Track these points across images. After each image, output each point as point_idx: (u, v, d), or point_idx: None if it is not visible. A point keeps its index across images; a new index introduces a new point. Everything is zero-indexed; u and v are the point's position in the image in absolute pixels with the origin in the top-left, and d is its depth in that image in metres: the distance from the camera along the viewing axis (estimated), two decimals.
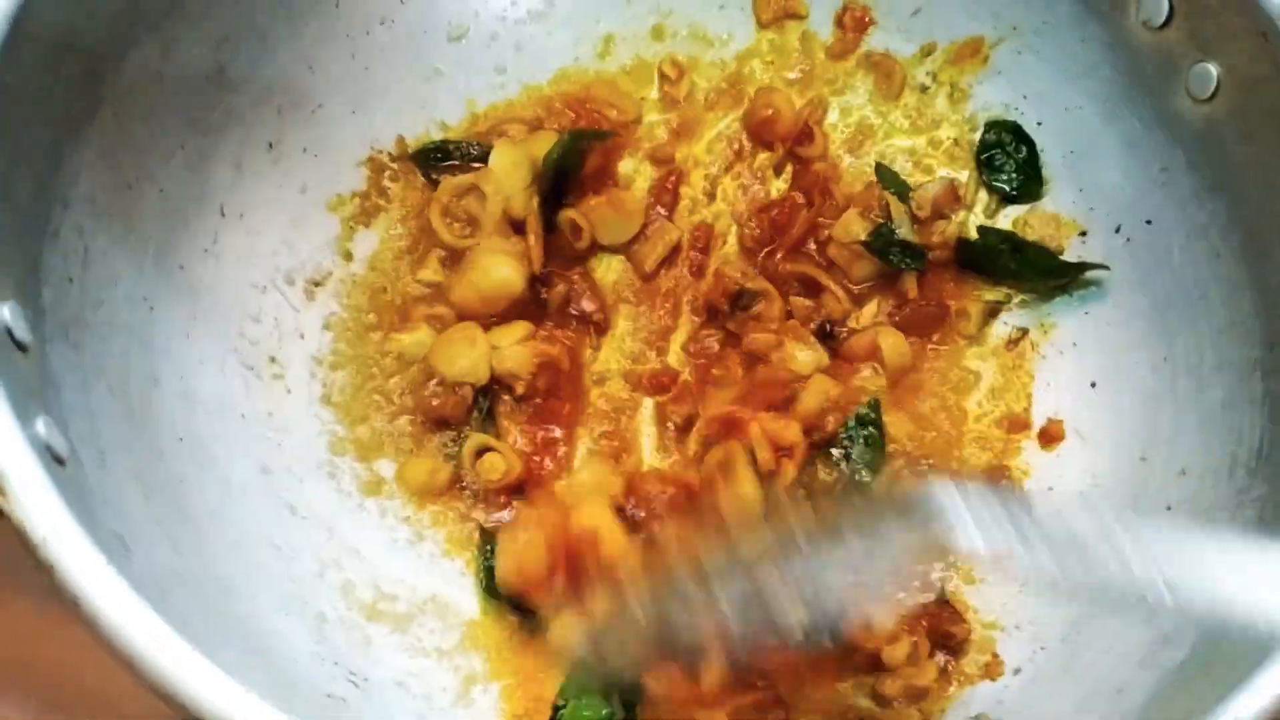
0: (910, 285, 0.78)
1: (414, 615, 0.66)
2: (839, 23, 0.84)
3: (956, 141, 0.82)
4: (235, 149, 0.73)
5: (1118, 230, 0.76)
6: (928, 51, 0.83)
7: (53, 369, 0.55)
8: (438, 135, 0.81)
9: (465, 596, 0.68)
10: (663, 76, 0.84)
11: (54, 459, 0.50)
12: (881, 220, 0.79)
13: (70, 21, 0.60)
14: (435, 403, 0.72)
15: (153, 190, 0.67)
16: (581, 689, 0.65)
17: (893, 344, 0.76)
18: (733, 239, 0.82)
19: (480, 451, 0.71)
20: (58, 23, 0.58)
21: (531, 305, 0.76)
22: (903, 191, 0.81)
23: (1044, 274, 0.77)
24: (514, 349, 0.72)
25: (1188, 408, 0.69)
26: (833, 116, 0.84)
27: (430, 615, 0.67)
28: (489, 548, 0.69)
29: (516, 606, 0.68)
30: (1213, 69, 0.68)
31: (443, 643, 0.66)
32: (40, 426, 0.50)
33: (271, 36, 0.74)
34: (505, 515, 0.71)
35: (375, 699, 0.60)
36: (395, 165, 0.79)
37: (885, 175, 0.82)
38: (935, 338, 0.77)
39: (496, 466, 0.70)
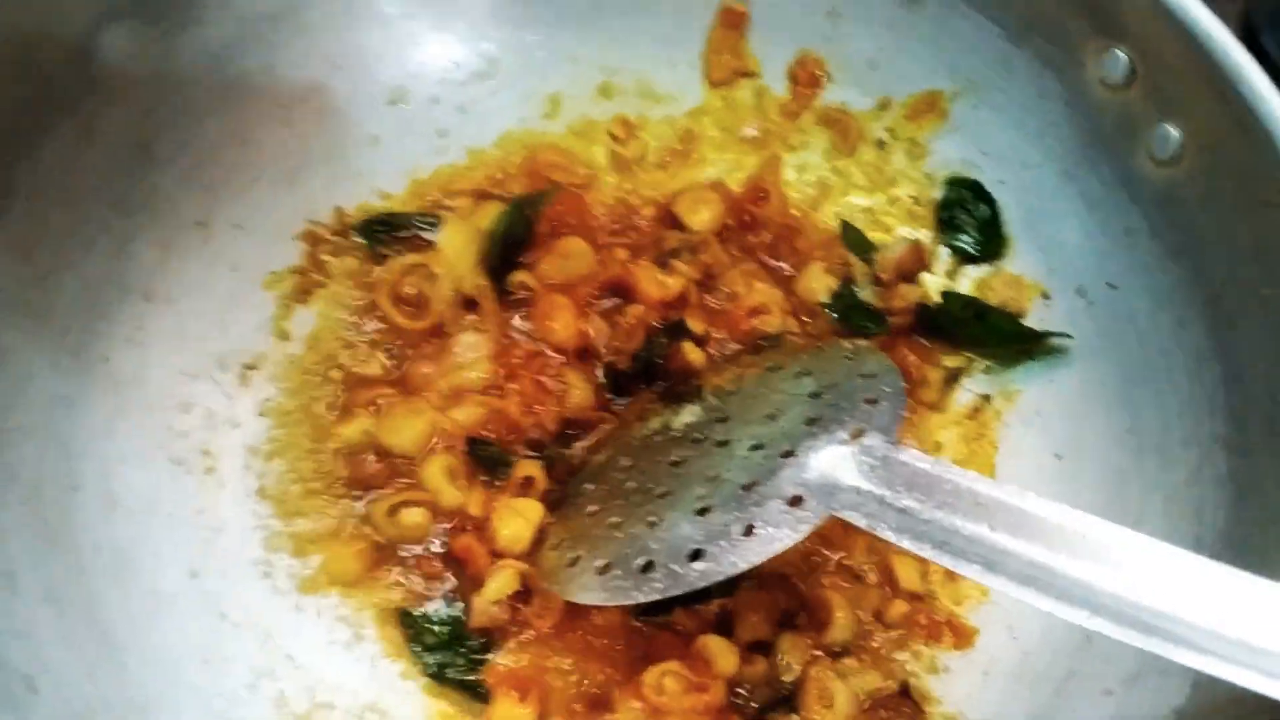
0: None
1: None
2: (792, 77, 0.81)
3: (916, 199, 0.80)
4: (162, 229, 0.70)
5: (1080, 293, 0.73)
6: (884, 105, 0.80)
7: None
8: (378, 204, 0.78)
9: (407, 701, 0.65)
10: (612, 137, 0.81)
11: None
12: (843, 280, 0.77)
13: None
14: (368, 469, 0.70)
15: (72, 279, 0.65)
16: None
17: None
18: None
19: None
20: None
21: None
22: (867, 251, 0.78)
23: (1008, 340, 0.74)
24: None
25: (1154, 485, 0.66)
26: (790, 174, 0.81)
27: None
28: (422, 633, 0.67)
29: (464, 686, 0.66)
30: (1174, 131, 0.66)
31: None
32: None
33: (199, 108, 0.71)
34: (442, 591, 0.68)
35: None
36: (334, 238, 0.76)
37: (850, 234, 0.79)
38: None
39: (415, 520, 0.68)
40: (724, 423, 0.65)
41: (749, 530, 0.57)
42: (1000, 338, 0.75)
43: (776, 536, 0.56)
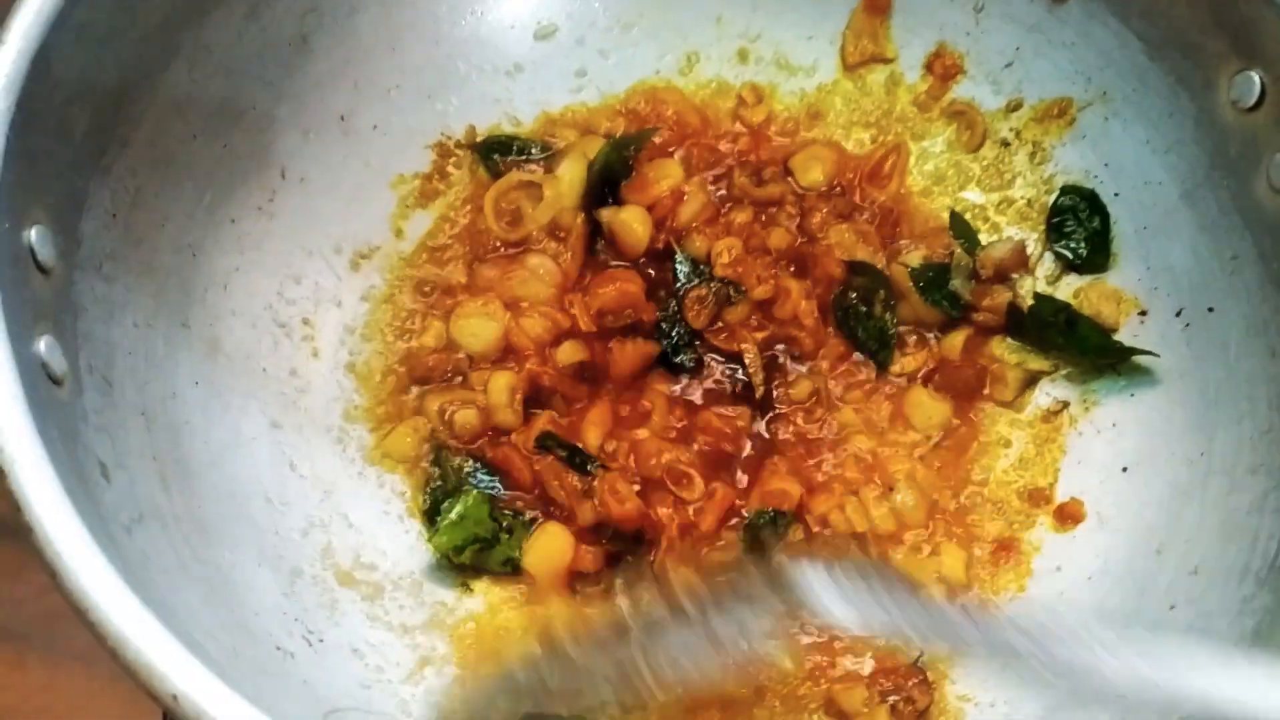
0: (954, 345, 0.76)
1: (386, 588, 0.67)
2: (928, 68, 0.82)
3: (1030, 203, 0.80)
4: (307, 116, 0.75)
5: (1178, 314, 0.72)
6: (1014, 107, 0.81)
7: (77, 295, 0.58)
8: (509, 130, 0.82)
9: (441, 579, 0.69)
10: (740, 100, 0.84)
11: (49, 378, 0.52)
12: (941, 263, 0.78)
13: None
14: (427, 363, 0.74)
15: (217, 144, 0.70)
16: None
17: (924, 409, 0.75)
18: None
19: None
20: None
21: None
22: (972, 245, 0.79)
23: (1094, 352, 0.74)
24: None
25: (1214, 507, 0.65)
26: (909, 162, 0.82)
27: (403, 591, 0.67)
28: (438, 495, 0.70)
29: (461, 568, 0.69)
30: None
31: (409, 619, 0.66)
32: (41, 345, 0.52)
33: (360, 14, 0.77)
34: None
35: (326, 660, 0.61)
36: (461, 152, 0.80)
37: (958, 224, 0.80)
38: (967, 399, 0.75)
39: (468, 420, 0.71)
40: None
41: None
42: (1087, 348, 0.74)
43: None
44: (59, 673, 0.80)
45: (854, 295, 0.76)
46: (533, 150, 0.80)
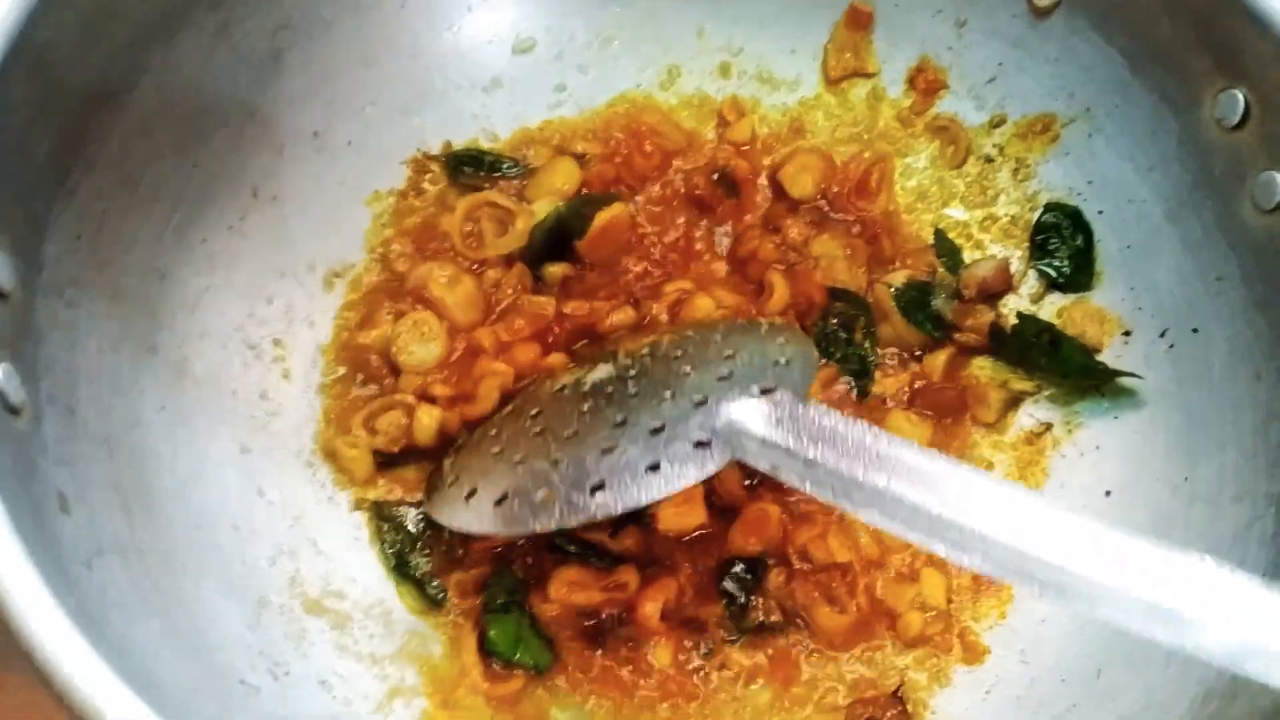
0: (936, 365, 0.75)
1: (355, 617, 0.66)
2: (911, 83, 0.81)
3: (1014, 220, 0.79)
4: (279, 133, 0.74)
5: (1163, 335, 0.71)
6: (997, 123, 0.80)
7: (37, 321, 0.57)
8: (486, 145, 0.81)
9: (413, 606, 0.68)
10: (721, 119, 0.82)
11: (6, 408, 0.51)
12: (924, 282, 0.77)
13: None
14: (371, 364, 0.73)
15: (186, 164, 0.69)
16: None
17: (903, 433, 0.73)
18: None
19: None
20: None
21: None
22: (955, 264, 0.78)
23: (1078, 373, 0.73)
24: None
25: (1199, 536, 0.64)
26: None
27: (373, 620, 0.66)
28: (392, 530, 0.70)
29: (420, 585, 0.68)
30: None
31: (378, 649, 0.65)
32: None
33: (334, 30, 0.76)
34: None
35: (292, 693, 0.59)
36: (436, 168, 0.79)
37: (942, 243, 0.79)
38: (949, 421, 0.74)
39: (395, 422, 0.70)
40: (637, 379, 0.65)
41: (655, 467, 0.58)
42: (1070, 369, 0.73)
43: (682, 474, 0.58)
44: (38, 693, 0.78)
45: (834, 321, 0.75)
46: (504, 167, 0.79)
